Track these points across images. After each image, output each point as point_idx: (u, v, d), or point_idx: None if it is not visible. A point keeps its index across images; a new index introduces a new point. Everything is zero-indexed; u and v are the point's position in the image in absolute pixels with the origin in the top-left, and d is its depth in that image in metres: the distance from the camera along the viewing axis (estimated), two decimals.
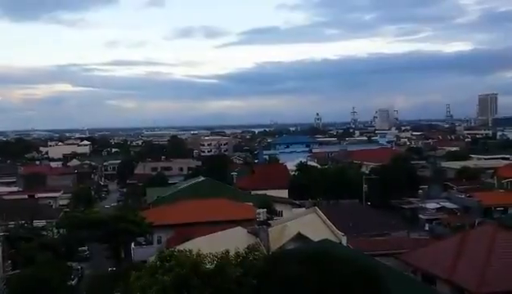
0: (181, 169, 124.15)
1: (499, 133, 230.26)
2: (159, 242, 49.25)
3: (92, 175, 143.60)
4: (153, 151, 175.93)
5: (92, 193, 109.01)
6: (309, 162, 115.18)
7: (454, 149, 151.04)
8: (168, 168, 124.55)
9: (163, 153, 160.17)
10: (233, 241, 31.31)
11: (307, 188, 79.58)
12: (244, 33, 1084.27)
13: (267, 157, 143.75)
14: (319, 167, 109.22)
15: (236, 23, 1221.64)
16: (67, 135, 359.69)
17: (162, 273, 23.55)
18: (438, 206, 75.31)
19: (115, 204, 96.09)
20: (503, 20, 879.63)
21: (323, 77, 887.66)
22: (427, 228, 66.59)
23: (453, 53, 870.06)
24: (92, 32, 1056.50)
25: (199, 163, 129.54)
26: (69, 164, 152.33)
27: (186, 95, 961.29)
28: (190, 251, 25.50)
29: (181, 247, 28.23)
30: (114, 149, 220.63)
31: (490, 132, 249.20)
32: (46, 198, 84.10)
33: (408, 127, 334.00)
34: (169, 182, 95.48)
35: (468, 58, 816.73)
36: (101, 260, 52.25)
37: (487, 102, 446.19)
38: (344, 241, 42.25)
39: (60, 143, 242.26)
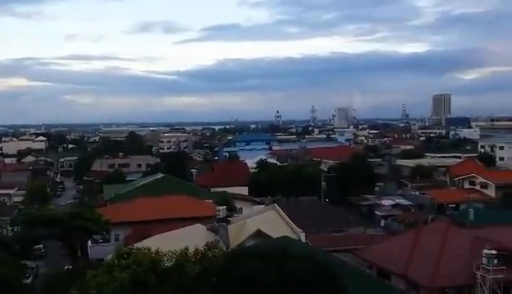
0: (140, 166, 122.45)
1: (451, 132, 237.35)
2: (116, 239, 48.54)
3: (48, 172, 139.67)
4: (110, 147, 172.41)
5: (48, 190, 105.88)
6: (269, 160, 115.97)
7: (409, 147, 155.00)
8: (126, 165, 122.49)
9: (121, 150, 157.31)
10: (192, 238, 31.22)
11: (267, 185, 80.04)
12: (205, 29, 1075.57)
13: (227, 154, 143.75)
14: (279, 164, 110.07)
15: (197, 19, 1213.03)
16: (22, 130, 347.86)
17: (119, 271, 23.28)
18: (394, 203, 77.21)
19: (71, 201, 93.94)
20: (458, 22, 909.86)
21: (284, 75, 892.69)
22: (383, 224, 68.18)
23: (409, 54, 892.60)
24: (49, 25, 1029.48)
25: (158, 160, 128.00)
26: (23, 160, 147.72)
27: (145, 91, 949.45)
28: (149, 248, 25.31)
29: (139, 245, 28.00)
30: (70, 146, 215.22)
31: (443, 131, 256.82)
32: (0, 195, 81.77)
33: (365, 126, 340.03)
34: (127, 179, 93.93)
35: (423, 59, 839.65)
36: (57, 259, 50.97)
37: (441, 102, 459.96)
38: (303, 237, 42.84)
39: (14, 139, 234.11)
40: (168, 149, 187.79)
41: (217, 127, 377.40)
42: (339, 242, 46.53)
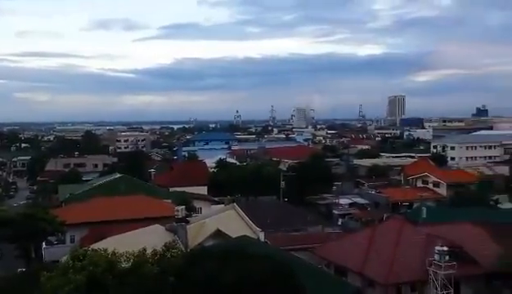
0: (96, 166, 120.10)
1: (406, 133, 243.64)
2: (72, 241, 47.44)
3: (0, 172, 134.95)
4: (66, 147, 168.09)
5: (0, 190, 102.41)
6: (228, 159, 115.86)
7: (365, 147, 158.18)
8: (82, 165, 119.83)
9: (76, 149, 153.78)
10: (151, 239, 30.94)
11: (227, 185, 80.00)
12: (165, 27, 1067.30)
13: (186, 154, 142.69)
14: (238, 164, 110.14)
15: (157, 17, 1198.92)
16: None
17: (74, 273, 22.85)
18: (351, 201, 78.71)
19: (25, 202, 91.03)
20: (412, 26, 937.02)
21: (244, 75, 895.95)
22: (340, 223, 69.34)
23: (366, 56, 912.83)
24: (2, 20, 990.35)
25: (116, 160, 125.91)
26: None
27: (102, 89, 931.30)
28: (105, 249, 24.96)
29: (95, 246, 27.53)
30: (23, 145, 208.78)
31: (398, 132, 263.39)
32: None
33: (324, 126, 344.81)
34: (83, 179, 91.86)
35: (380, 61, 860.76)
36: (11, 261, 49.36)
37: (396, 103, 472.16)
38: (262, 237, 43.11)
39: None
40: (125, 148, 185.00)
41: (175, 127, 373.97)
42: (297, 241, 47.09)
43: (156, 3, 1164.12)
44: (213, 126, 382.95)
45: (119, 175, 71.06)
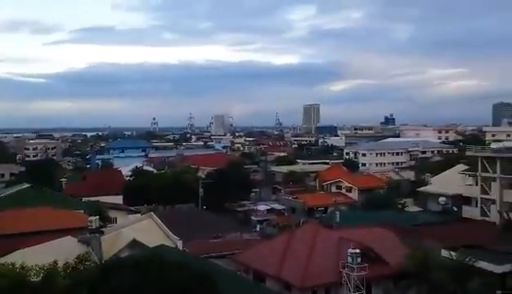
0: (3, 175, 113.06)
1: (320, 140, 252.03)
2: None
3: None
4: None
5: None
6: (145, 167, 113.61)
7: (282, 154, 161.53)
8: None
9: None
10: (62, 251, 29.60)
11: (144, 193, 78.36)
12: (78, 31, 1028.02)
13: (100, 162, 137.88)
14: (155, 171, 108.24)
15: (69, 20, 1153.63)
16: None
17: None
18: (268, 207, 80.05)
19: None
20: (327, 37, 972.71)
21: (161, 81, 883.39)
22: (258, 228, 70.27)
23: (283, 65, 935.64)
24: None
25: (23, 169, 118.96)
26: None
27: (9, 94, 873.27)
28: (13, 263, 23.60)
29: (2, 260, 25.97)
30: None
31: (313, 139, 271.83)
32: None
33: (242, 133, 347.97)
34: None
35: (296, 70, 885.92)
36: None
37: (311, 111, 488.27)
38: (180, 245, 42.60)
39: None
40: (34, 156, 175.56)
41: (89, 134, 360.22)
42: (216, 248, 47.10)
43: (68, 6, 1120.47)
44: (129, 133, 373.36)
45: (26, 186, 67.20)
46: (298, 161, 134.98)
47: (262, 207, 79.65)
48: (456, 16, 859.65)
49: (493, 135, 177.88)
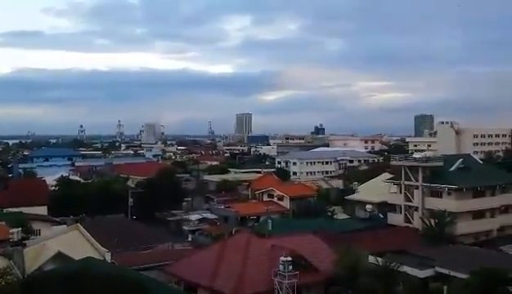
0: None
1: (253, 149, 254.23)
2: None
3: None
4: None
5: None
6: (71, 177, 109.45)
7: (215, 163, 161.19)
8: None
9: None
10: None
11: (70, 204, 75.36)
12: (3, 34, 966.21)
13: (22, 171, 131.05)
14: (82, 181, 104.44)
15: None
16: None
17: None
18: (200, 217, 79.29)
19: None
20: (261, 47, 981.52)
21: (90, 88, 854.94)
22: (190, 238, 69.46)
23: (217, 74, 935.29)
24: None
25: None
26: None
27: None
28: None
29: None
30: None
31: (245, 148, 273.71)
32: None
33: (174, 142, 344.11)
34: None
35: (229, 79, 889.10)
36: None
37: (243, 121, 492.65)
38: (108, 257, 41.25)
39: None
40: None
41: (11, 142, 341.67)
42: (146, 260, 46.00)
43: None
44: (55, 141, 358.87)
45: None
46: (231, 170, 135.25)
47: (194, 217, 78.82)
48: (385, 33, 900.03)
49: (415, 146, 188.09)
